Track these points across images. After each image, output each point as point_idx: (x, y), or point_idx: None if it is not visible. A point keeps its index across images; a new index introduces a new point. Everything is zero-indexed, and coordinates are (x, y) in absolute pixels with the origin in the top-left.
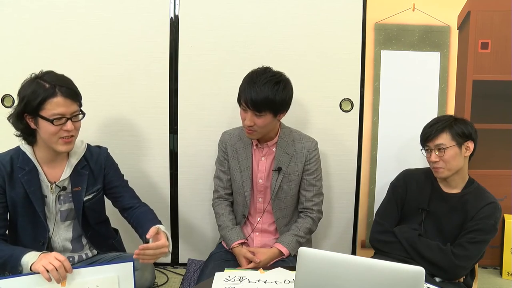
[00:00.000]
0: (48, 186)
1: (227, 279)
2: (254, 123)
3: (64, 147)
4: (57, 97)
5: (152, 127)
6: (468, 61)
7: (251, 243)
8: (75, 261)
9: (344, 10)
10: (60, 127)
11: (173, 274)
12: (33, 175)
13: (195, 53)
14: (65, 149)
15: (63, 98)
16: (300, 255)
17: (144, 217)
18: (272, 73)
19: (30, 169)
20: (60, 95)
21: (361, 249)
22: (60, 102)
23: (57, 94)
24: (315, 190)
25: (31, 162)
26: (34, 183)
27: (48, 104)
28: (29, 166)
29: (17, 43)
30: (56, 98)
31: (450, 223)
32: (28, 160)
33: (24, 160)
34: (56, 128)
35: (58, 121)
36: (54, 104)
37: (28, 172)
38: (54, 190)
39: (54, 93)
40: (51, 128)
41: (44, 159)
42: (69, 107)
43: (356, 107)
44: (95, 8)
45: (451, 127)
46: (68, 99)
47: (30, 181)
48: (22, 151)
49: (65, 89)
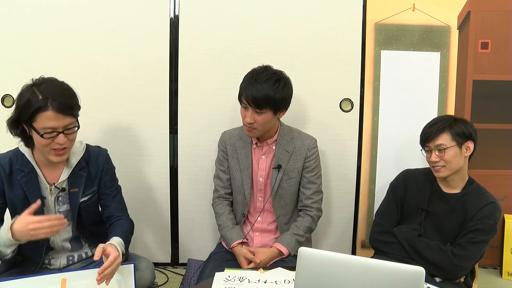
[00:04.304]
0: (47, 187)
1: (227, 279)
2: (255, 120)
3: (56, 158)
4: (48, 111)
5: (152, 127)
6: (468, 61)
7: (251, 243)
8: (74, 260)
9: (344, 10)
10: (51, 140)
11: (173, 274)
12: (32, 176)
13: (195, 53)
14: (57, 160)
15: (54, 112)
16: (300, 255)
17: (115, 228)
18: (272, 71)
19: (29, 171)
20: (51, 109)
21: (361, 249)
22: (51, 116)
23: (48, 108)
24: (315, 188)
25: (30, 164)
26: (33, 184)
27: (39, 117)
28: (28, 168)
29: (17, 43)
30: (47, 112)
31: (450, 223)
32: (27, 162)
33: (23, 162)
34: (46, 141)
35: (48, 135)
36: (45, 118)
37: (27, 174)
38: (53, 192)
39: (46, 107)
40: (41, 141)
41: (42, 161)
42: (61, 121)
43: (356, 107)
44: (95, 8)
45: (451, 127)
46: (59, 114)
47: (29, 183)
48: (21, 152)
49: (57, 103)
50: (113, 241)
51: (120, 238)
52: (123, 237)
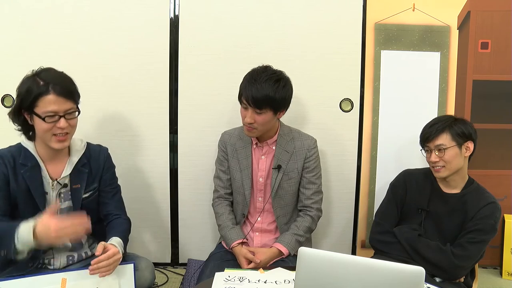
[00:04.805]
0: (50, 182)
1: (227, 279)
2: (255, 120)
3: (58, 144)
4: (50, 94)
5: (152, 127)
6: (468, 61)
7: (251, 243)
8: (74, 260)
9: (344, 10)
10: (53, 125)
11: (173, 274)
12: (35, 171)
13: (195, 53)
14: (59, 146)
15: (55, 96)
16: (300, 255)
17: (114, 228)
18: (272, 71)
19: (32, 165)
20: (52, 93)
21: (361, 249)
22: (52, 100)
23: (50, 92)
24: (315, 188)
25: (34, 158)
26: (36, 179)
27: (40, 101)
28: (32, 162)
29: (17, 43)
30: (48, 95)
31: (450, 223)
32: (31, 156)
33: (26, 156)
34: (48, 125)
35: (50, 119)
36: (47, 102)
37: (31, 168)
38: (55, 187)
39: (47, 91)
40: (43, 125)
41: (45, 156)
42: (62, 105)
43: (356, 107)
44: (95, 8)
45: (451, 127)
46: (61, 97)
47: (32, 177)
48: (24, 147)
49: (58, 87)
50: (113, 241)
51: (119, 239)
52: (122, 237)
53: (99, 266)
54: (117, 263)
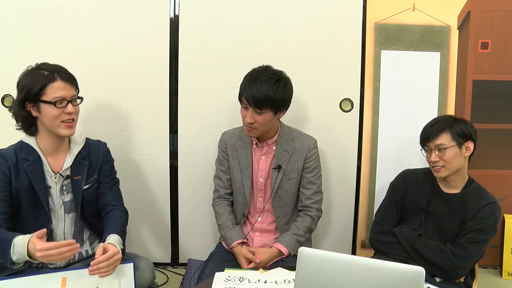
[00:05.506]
0: (52, 176)
1: (227, 279)
2: (255, 120)
3: (66, 130)
4: (57, 81)
5: (152, 127)
6: (468, 61)
7: (251, 243)
8: (75, 259)
9: (344, 10)
10: (62, 110)
11: (173, 274)
12: (37, 165)
13: (195, 53)
14: (67, 132)
15: (62, 82)
16: (300, 255)
17: (111, 221)
18: (272, 71)
19: (34, 160)
20: (59, 79)
21: (361, 249)
22: (60, 86)
23: (57, 78)
24: (315, 188)
25: (36, 153)
26: (38, 173)
27: (49, 88)
28: (34, 156)
29: (17, 43)
30: (56, 82)
31: (450, 223)
32: (33, 151)
33: (28, 152)
34: (58, 110)
35: (60, 104)
36: (55, 88)
37: (33, 163)
38: (58, 180)
39: (54, 78)
40: (54, 111)
41: (47, 149)
42: (69, 91)
43: (356, 107)
44: (95, 8)
45: (451, 127)
46: (67, 83)
47: (35, 171)
48: (25, 143)
49: (63, 74)
50: (111, 239)
51: (118, 235)
52: (119, 232)
53: (99, 267)
54: (117, 263)
